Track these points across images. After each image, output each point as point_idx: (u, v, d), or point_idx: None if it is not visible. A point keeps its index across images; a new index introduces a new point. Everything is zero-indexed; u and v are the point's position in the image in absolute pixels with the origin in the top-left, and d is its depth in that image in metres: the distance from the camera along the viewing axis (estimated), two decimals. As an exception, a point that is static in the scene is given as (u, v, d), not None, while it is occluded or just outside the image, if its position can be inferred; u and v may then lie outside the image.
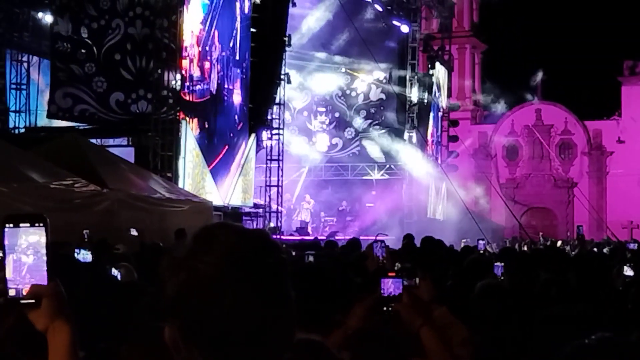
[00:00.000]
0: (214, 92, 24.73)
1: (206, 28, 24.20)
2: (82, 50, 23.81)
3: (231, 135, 25.88)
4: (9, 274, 1.84)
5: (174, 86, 22.28)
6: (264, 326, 1.60)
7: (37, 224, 1.86)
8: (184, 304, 1.59)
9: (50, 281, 1.87)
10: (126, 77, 23.30)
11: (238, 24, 26.01)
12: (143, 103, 23.09)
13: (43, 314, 1.87)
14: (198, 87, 23.76)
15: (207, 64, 24.36)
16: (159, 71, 22.28)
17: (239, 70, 26.29)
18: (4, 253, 1.85)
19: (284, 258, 1.70)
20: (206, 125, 24.26)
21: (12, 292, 1.84)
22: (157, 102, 22.28)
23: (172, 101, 22.17)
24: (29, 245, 1.85)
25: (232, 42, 25.82)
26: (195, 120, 23.70)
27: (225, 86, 25.46)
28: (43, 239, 1.86)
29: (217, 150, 24.85)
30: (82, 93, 23.67)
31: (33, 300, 1.85)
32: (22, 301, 1.85)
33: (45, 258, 1.86)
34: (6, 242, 1.84)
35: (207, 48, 24.37)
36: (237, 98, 26.15)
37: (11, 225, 1.85)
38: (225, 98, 25.56)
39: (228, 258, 1.60)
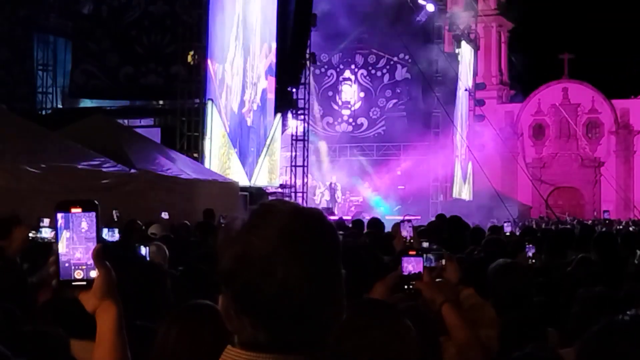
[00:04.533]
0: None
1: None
2: (100, 29, 23.85)
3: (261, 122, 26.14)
4: (63, 257, 1.91)
5: (190, 61, 22.01)
6: (313, 302, 1.65)
7: (88, 210, 1.92)
8: (238, 276, 1.65)
9: (101, 264, 1.94)
10: (138, 51, 23.25)
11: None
12: (152, 77, 23.04)
13: (93, 295, 1.96)
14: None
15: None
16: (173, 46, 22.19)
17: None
18: (56, 238, 1.91)
19: (337, 237, 1.74)
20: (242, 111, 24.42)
21: (64, 275, 1.91)
22: (168, 76, 22.12)
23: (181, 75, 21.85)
24: (81, 230, 1.91)
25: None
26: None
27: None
28: (94, 225, 1.92)
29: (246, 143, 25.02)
30: (95, 69, 23.73)
31: (84, 282, 1.93)
32: (74, 283, 1.93)
33: (96, 242, 1.92)
34: (60, 227, 1.91)
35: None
36: (270, 96, 26.43)
37: (64, 211, 1.92)
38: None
39: (282, 234, 1.65)
